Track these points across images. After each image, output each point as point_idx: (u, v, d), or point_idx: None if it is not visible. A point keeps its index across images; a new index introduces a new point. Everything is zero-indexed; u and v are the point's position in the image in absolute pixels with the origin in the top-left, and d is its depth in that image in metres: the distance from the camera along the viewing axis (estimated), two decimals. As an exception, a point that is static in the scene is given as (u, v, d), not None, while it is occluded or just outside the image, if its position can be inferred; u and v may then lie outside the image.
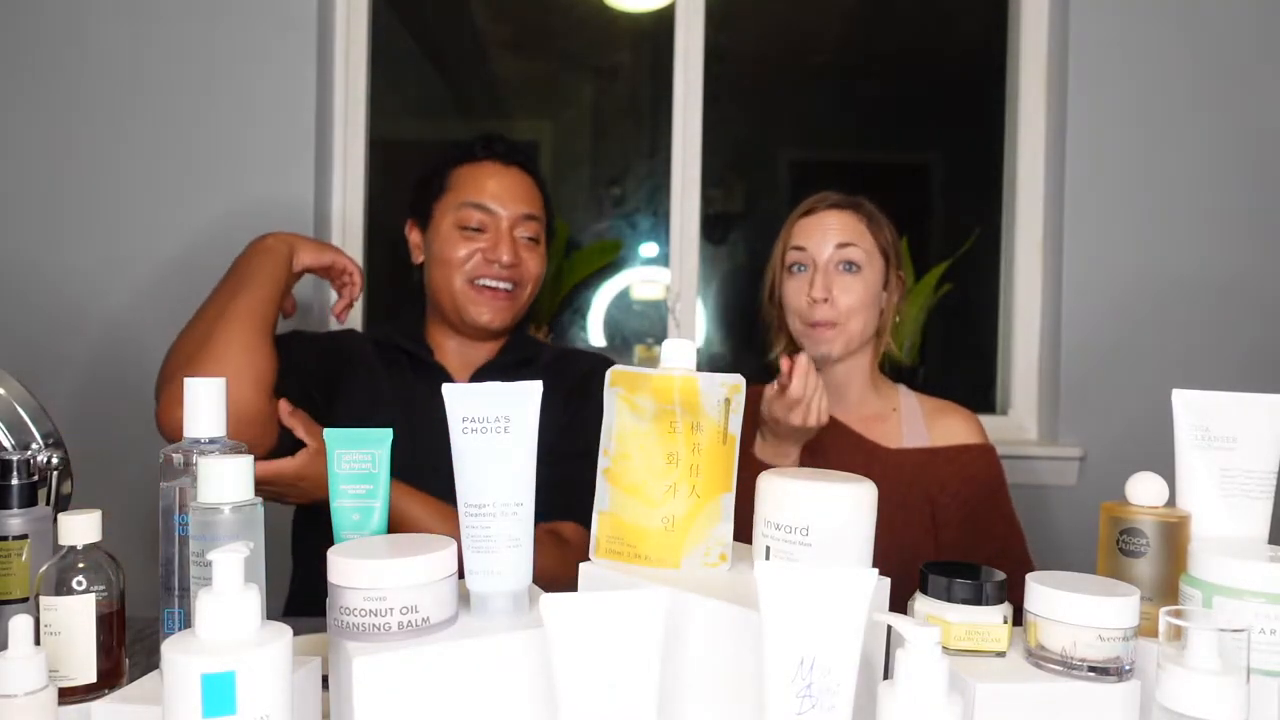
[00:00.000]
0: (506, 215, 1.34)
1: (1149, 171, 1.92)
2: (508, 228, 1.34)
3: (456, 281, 1.33)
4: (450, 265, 1.33)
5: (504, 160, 1.37)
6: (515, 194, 1.36)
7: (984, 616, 0.69)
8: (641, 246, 2.15)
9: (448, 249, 1.34)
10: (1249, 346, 1.91)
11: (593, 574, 0.72)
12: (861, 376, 1.36)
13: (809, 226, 1.33)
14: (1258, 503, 0.77)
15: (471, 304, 1.33)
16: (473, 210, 1.33)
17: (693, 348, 0.73)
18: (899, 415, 1.37)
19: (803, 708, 0.53)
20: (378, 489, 0.75)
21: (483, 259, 1.33)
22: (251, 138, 1.88)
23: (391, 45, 2.10)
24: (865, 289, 1.30)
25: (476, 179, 1.36)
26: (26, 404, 0.95)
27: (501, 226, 1.34)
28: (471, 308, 1.33)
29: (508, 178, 1.36)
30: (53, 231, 1.86)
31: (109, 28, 1.86)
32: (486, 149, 1.38)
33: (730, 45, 2.11)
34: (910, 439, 1.34)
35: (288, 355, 1.25)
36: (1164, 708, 0.58)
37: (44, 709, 0.61)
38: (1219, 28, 1.91)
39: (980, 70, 2.18)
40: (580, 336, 2.18)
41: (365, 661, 0.59)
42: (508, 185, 1.36)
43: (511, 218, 1.34)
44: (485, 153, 1.37)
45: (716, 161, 2.08)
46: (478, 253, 1.33)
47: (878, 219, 1.34)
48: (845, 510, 0.68)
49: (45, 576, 0.72)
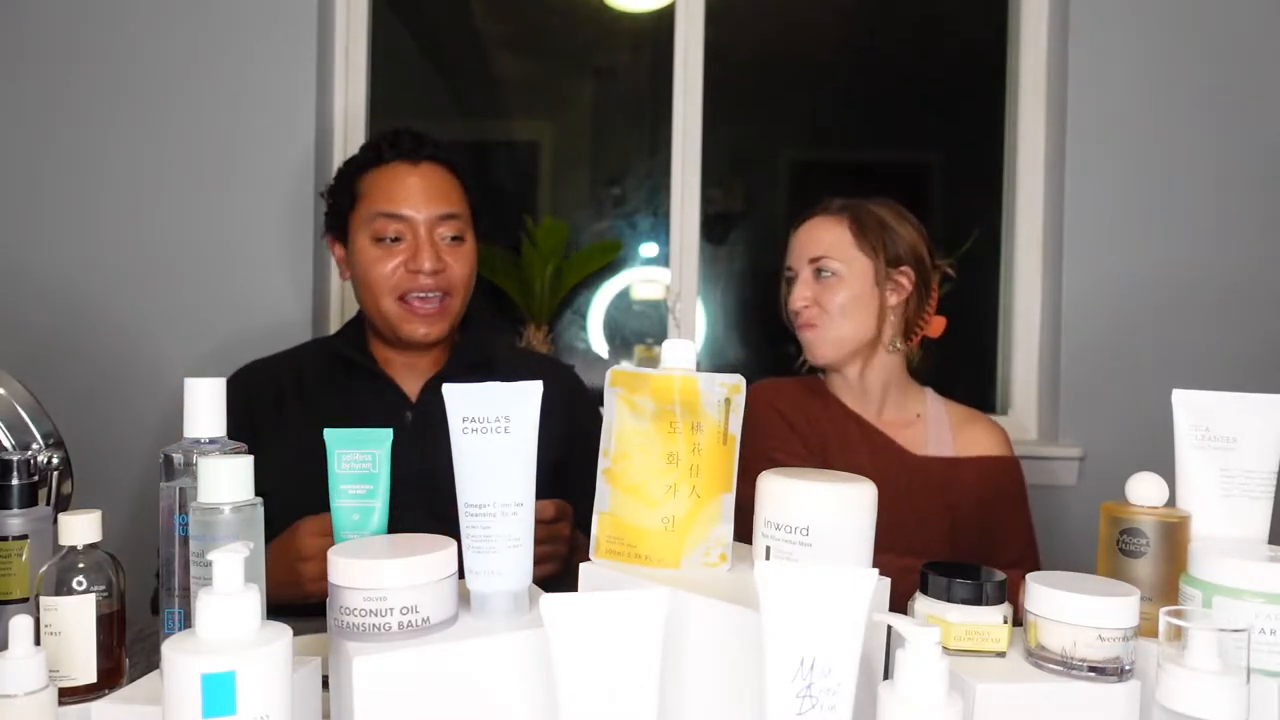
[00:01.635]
0: (423, 219, 1.27)
1: (1149, 171, 1.92)
2: (426, 232, 1.27)
3: (384, 301, 1.27)
4: (374, 285, 1.27)
5: (412, 158, 1.29)
6: (429, 193, 1.28)
7: (984, 616, 0.69)
8: (641, 246, 2.15)
9: (368, 267, 1.27)
10: (1249, 346, 1.91)
11: (593, 574, 0.72)
12: (892, 379, 1.37)
13: (795, 242, 1.38)
14: (1258, 503, 0.77)
15: (405, 322, 1.27)
16: (386, 220, 1.26)
17: (693, 348, 0.73)
18: (924, 421, 1.38)
19: (803, 708, 0.53)
20: (378, 489, 0.75)
21: (405, 271, 1.26)
22: (251, 138, 1.88)
23: (391, 45, 2.10)
24: (846, 291, 1.32)
25: (385, 184, 1.28)
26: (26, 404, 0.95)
27: (420, 232, 1.26)
28: (405, 325, 1.27)
29: (419, 176, 1.28)
30: (53, 231, 1.86)
31: (108, 28, 1.86)
32: (394, 148, 1.29)
33: (730, 45, 2.11)
34: (935, 446, 1.35)
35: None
36: (1164, 708, 0.58)
37: (44, 709, 0.61)
38: (1220, 27, 1.91)
39: (980, 70, 2.18)
40: (580, 336, 2.18)
41: (365, 661, 0.59)
42: (420, 186, 1.28)
43: (429, 220, 1.27)
44: (392, 153, 1.29)
45: (716, 161, 2.08)
46: (399, 266, 1.26)
47: (866, 223, 1.33)
48: (845, 510, 0.68)
49: (45, 576, 0.72)
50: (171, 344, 1.86)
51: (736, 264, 2.17)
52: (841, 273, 1.32)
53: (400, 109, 2.14)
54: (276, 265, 1.89)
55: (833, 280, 1.32)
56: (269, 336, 1.85)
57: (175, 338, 1.86)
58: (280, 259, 1.89)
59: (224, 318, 1.87)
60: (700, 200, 2.05)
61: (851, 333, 1.33)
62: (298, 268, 1.89)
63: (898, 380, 1.38)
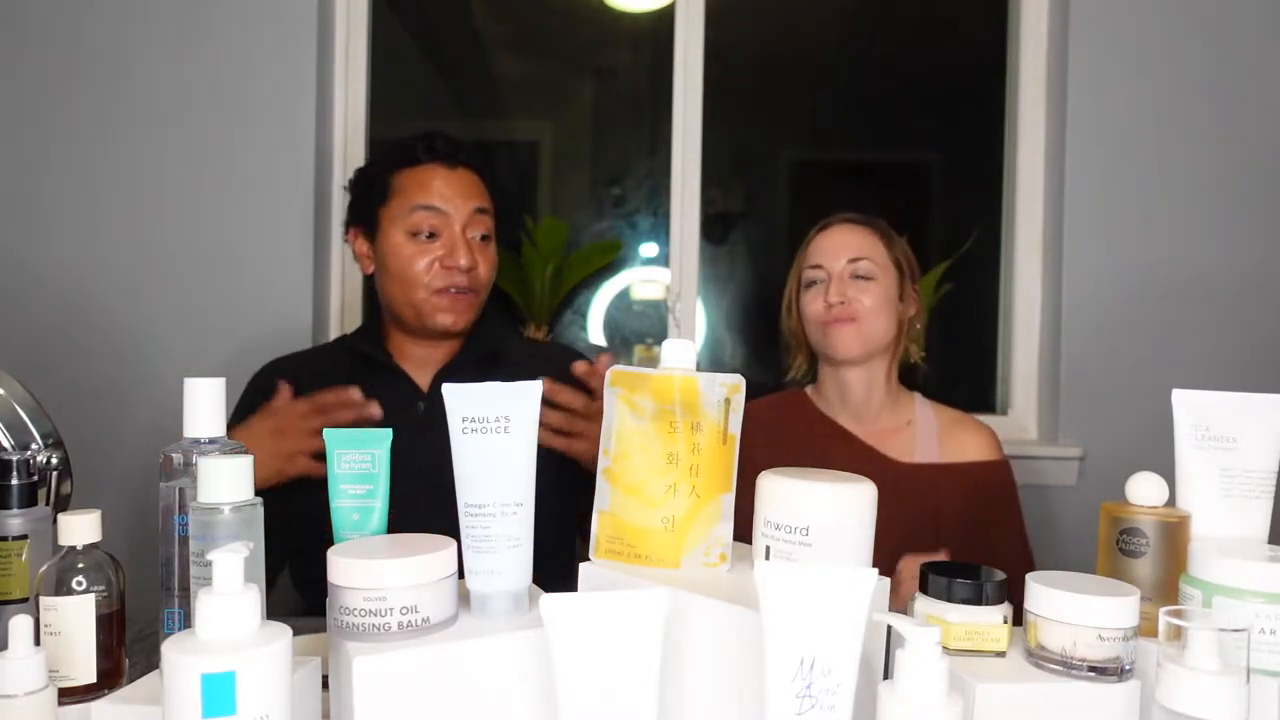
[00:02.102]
0: (460, 215, 1.31)
1: (1149, 171, 1.92)
2: (461, 229, 1.31)
3: (418, 294, 1.30)
4: (408, 279, 1.30)
5: (449, 162, 1.33)
6: (466, 192, 1.32)
7: (984, 616, 0.69)
8: (641, 246, 2.15)
9: (403, 262, 1.30)
10: (1249, 346, 1.91)
11: (593, 574, 0.72)
12: (880, 387, 1.38)
13: (824, 243, 1.38)
14: (1258, 503, 0.77)
15: (437, 311, 1.30)
16: (424, 213, 1.29)
17: (693, 348, 0.73)
18: (913, 428, 1.38)
19: (803, 708, 0.53)
20: (378, 489, 0.75)
21: (440, 267, 1.30)
22: (251, 138, 1.88)
23: (391, 45, 2.10)
24: (881, 293, 1.34)
25: (424, 180, 1.31)
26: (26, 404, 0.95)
27: (455, 228, 1.30)
28: (437, 315, 1.31)
29: (456, 177, 1.32)
30: (53, 231, 1.86)
31: (108, 28, 1.86)
32: (429, 151, 1.33)
33: (730, 45, 2.11)
34: (922, 453, 1.35)
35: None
36: (1164, 708, 0.58)
37: (44, 709, 0.61)
38: (1220, 26, 1.91)
39: (980, 70, 2.18)
40: (580, 336, 2.18)
41: (365, 661, 0.59)
42: (458, 184, 1.32)
43: (464, 217, 1.31)
44: (428, 155, 1.32)
45: (716, 161, 2.08)
46: (434, 262, 1.30)
47: (892, 236, 1.39)
48: (845, 510, 0.68)
49: (45, 576, 0.72)
50: (171, 343, 1.86)
51: (737, 264, 2.17)
52: (877, 275, 1.34)
53: (400, 109, 2.14)
54: (276, 264, 1.88)
55: (869, 283, 1.34)
56: (269, 336, 1.85)
57: (174, 337, 1.86)
58: (280, 258, 1.89)
59: (224, 317, 1.87)
60: (700, 200, 2.05)
61: (882, 332, 1.35)
62: (298, 267, 1.89)
63: (888, 388, 1.39)
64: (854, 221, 1.38)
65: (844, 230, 1.37)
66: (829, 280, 1.35)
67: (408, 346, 1.37)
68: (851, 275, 1.34)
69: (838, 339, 1.34)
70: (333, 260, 2.00)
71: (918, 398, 1.43)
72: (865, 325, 1.33)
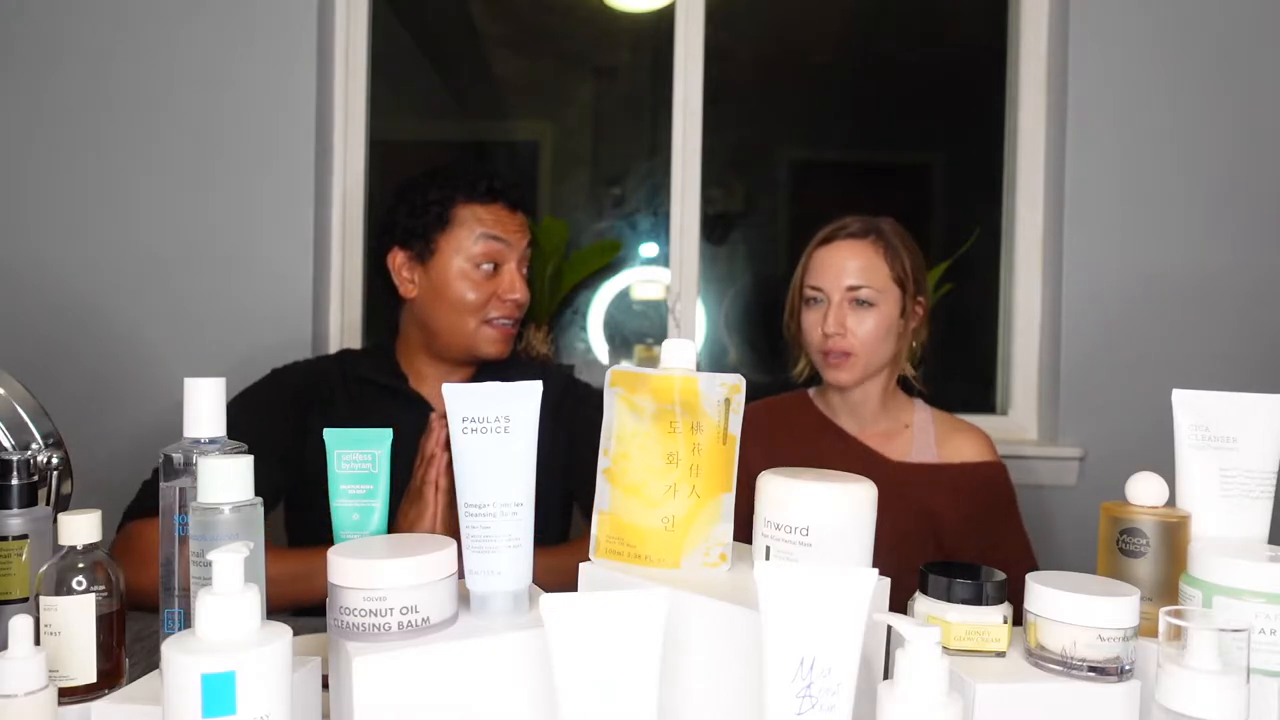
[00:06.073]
0: (517, 249, 1.35)
1: (1148, 171, 1.92)
2: (516, 265, 1.35)
3: (470, 323, 1.33)
4: (465, 307, 1.32)
5: (511, 208, 1.36)
6: (521, 226, 1.37)
7: (984, 616, 0.69)
8: (641, 246, 2.15)
9: (462, 291, 1.32)
10: (1249, 346, 1.91)
11: (593, 574, 0.72)
12: (876, 396, 1.38)
13: (824, 262, 1.34)
14: (1258, 503, 0.77)
15: (486, 341, 1.34)
16: (493, 244, 1.32)
17: (693, 348, 0.73)
18: (911, 432, 1.39)
19: (803, 708, 0.53)
20: (378, 489, 0.75)
21: (498, 299, 1.33)
22: (251, 138, 1.88)
23: (391, 45, 2.10)
24: (880, 320, 1.32)
25: (495, 216, 1.34)
26: (26, 404, 0.95)
27: (512, 263, 1.35)
28: (485, 344, 1.34)
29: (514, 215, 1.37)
30: (53, 231, 1.87)
31: (109, 29, 1.86)
32: (492, 194, 1.35)
33: (730, 45, 2.11)
34: (919, 455, 1.36)
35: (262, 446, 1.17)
36: (1164, 708, 0.58)
37: (44, 709, 0.61)
38: (1220, 27, 1.91)
39: (980, 70, 2.18)
40: (580, 336, 2.18)
41: (365, 661, 0.59)
42: (516, 219, 1.37)
43: (519, 253, 1.36)
44: (490, 197, 1.35)
45: (716, 161, 2.08)
46: (493, 294, 1.33)
47: (895, 247, 1.34)
48: (845, 510, 0.68)
49: (45, 576, 0.72)
50: (171, 344, 1.86)
51: (737, 264, 2.17)
52: (877, 301, 1.32)
53: (400, 109, 2.14)
54: (277, 263, 1.89)
55: (869, 310, 1.32)
56: (269, 336, 1.85)
57: (175, 337, 1.86)
58: (280, 257, 1.89)
59: (223, 317, 1.87)
60: (700, 200, 2.05)
61: (880, 360, 1.34)
62: (297, 267, 1.89)
63: (887, 395, 1.39)
64: (856, 235, 1.34)
65: (845, 248, 1.33)
66: (828, 306, 1.33)
67: (427, 369, 1.38)
68: (851, 301, 1.32)
69: (834, 374, 1.34)
70: (332, 260, 2.00)
71: (917, 402, 1.43)
72: (862, 358, 1.32)
